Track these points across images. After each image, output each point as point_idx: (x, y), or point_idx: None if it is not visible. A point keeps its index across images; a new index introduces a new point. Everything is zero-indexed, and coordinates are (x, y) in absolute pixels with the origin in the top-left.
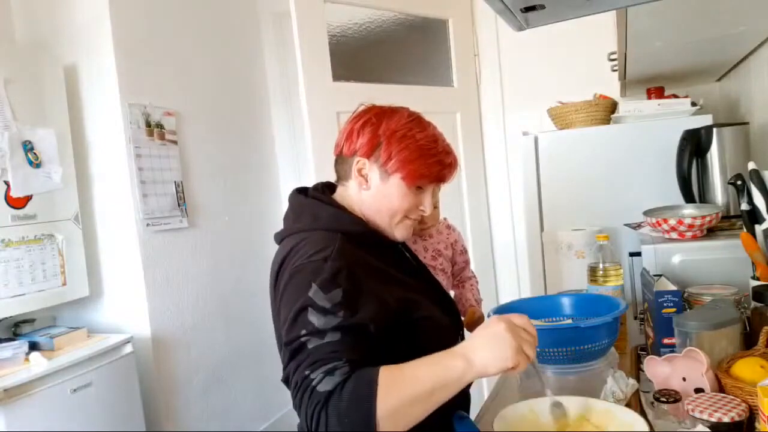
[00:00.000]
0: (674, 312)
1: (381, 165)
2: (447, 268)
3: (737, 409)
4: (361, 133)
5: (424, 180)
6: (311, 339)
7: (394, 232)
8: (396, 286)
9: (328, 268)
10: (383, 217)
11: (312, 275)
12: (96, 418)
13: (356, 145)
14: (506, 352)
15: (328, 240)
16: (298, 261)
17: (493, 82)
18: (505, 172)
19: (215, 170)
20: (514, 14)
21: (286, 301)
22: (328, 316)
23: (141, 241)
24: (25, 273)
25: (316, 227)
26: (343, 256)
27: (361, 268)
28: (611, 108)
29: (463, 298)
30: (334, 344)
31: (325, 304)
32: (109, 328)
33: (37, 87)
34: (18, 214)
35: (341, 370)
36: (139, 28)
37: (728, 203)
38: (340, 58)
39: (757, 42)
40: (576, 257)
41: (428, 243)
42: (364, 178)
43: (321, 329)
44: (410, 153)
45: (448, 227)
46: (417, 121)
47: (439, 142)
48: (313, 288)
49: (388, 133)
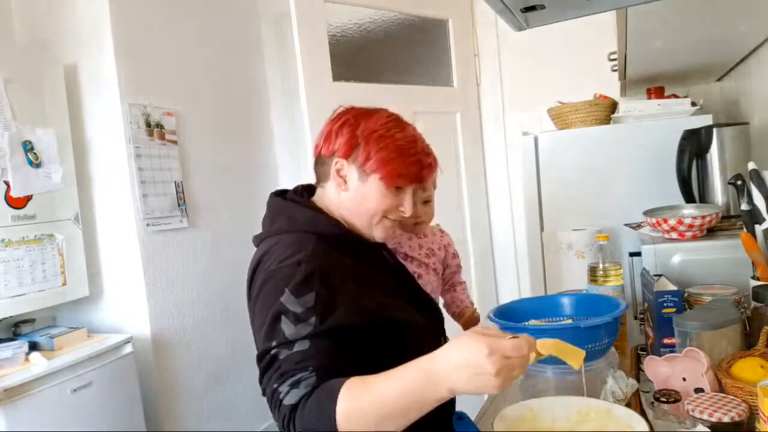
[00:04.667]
0: (674, 312)
1: (359, 165)
2: (438, 268)
3: (737, 409)
4: (340, 133)
5: (403, 180)
6: (281, 350)
7: (373, 232)
8: (373, 289)
9: (301, 271)
10: (362, 217)
11: (285, 279)
12: (96, 418)
13: (334, 146)
14: (486, 383)
15: (303, 242)
16: (271, 265)
17: (493, 82)
18: (505, 172)
19: (215, 170)
20: (514, 14)
21: (260, 308)
22: (300, 324)
23: (141, 241)
24: (25, 273)
25: (292, 229)
26: (317, 258)
27: (337, 271)
28: (611, 108)
29: (457, 300)
30: (302, 353)
31: (296, 309)
32: (109, 328)
33: (37, 87)
34: (18, 214)
35: (306, 381)
36: (139, 28)
37: (728, 203)
38: (340, 58)
39: (757, 42)
40: (576, 257)
41: (423, 241)
42: (343, 178)
43: (291, 339)
44: (389, 153)
45: (441, 231)
46: (396, 121)
47: (418, 142)
48: (285, 293)
49: (367, 133)
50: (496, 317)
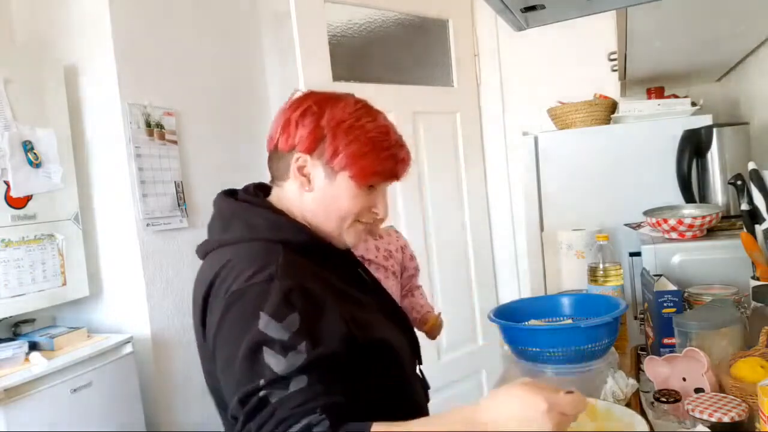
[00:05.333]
0: (674, 312)
1: (326, 162)
2: (397, 271)
3: (737, 409)
4: (301, 124)
5: (377, 178)
6: (273, 391)
7: (344, 238)
8: (348, 304)
9: (277, 288)
10: (331, 221)
11: (258, 302)
12: (96, 418)
13: (295, 139)
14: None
15: (269, 253)
16: (233, 284)
17: (493, 82)
18: (505, 172)
19: (215, 170)
20: (514, 14)
21: (226, 339)
22: (289, 353)
23: (141, 241)
24: (25, 273)
25: (252, 237)
26: (291, 271)
27: (316, 283)
28: (611, 108)
29: (417, 305)
30: (302, 393)
31: (281, 335)
32: (109, 328)
33: (37, 87)
34: (18, 214)
35: (320, 425)
36: (139, 28)
37: (728, 203)
38: (340, 58)
39: (757, 42)
40: (576, 257)
41: (380, 243)
42: (306, 177)
43: (283, 375)
44: (360, 147)
45: (396, 231)
46: (365, 108)
47: (391, 133)
48: (262, 318)
49: (333, 123)
50: (496, 317)
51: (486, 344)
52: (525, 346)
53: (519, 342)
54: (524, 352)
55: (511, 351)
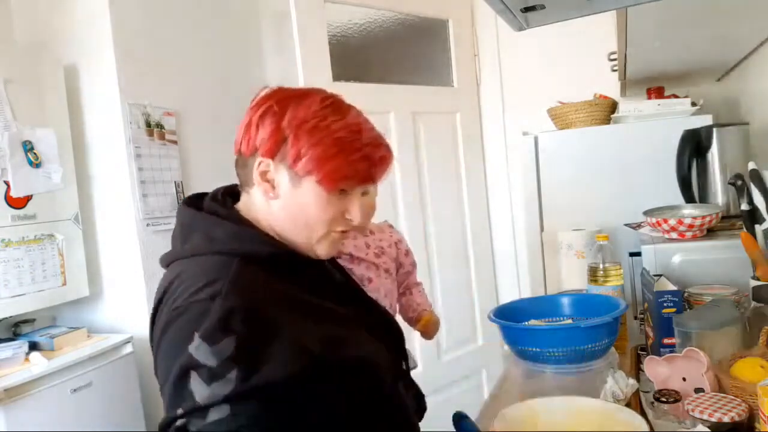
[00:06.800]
0: (674, 312)
1: (289, 166)
2: (391, 268)
3: (737, 409)
4: (261, 125)
5: (348, 182)
6: (192, 420)
7: (316, 249)
8: (319, 321)
9: (216, 309)
10: (299, 231)
11: (194, 321)
12: (96, 418)
13: (256, 141)
14: None
15: (220, 268)
16: (178, 300)
17: (493, 82)
18: (505, 172)
19: (215, 170)
20: (514, 14)
21: (163, 356)
22: (215, 382)
23: (141, 241)
24: (25, 273)
25: (209, 251)
26: (241, 289)
27: (272, 304)
28: (611, 108)
29: (413, 303)
30: (221, 423)
31: (210, 361)
32: (109, 328)
33: (37, 87)
34: (18, 214)
35: None
36: (139, 28)
37: (728, 203)
38: (340, 58)
39: (757, 42)
40: (576, 257)
41: (370, 239)
42: (270, 183)
43: (204, 404)
44: (326, 149)
45: (390, 227)
46: (333, 106)
47: (363, 131)
48: (195, 340)
49: (295, 123)
50: (496, 317)
51: (486, 344)
52: (525, 346)
53: (519, 342)
54: (524, 352)
55: (511, 351)
